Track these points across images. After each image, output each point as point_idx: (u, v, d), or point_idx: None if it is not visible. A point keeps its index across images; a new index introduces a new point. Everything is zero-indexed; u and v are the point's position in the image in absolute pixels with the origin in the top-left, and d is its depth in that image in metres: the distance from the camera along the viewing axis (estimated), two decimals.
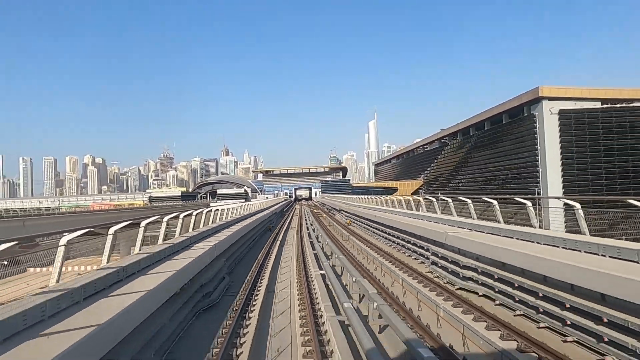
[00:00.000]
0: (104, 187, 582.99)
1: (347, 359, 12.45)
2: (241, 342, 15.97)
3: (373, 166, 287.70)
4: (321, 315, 17.67)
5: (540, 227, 23.65)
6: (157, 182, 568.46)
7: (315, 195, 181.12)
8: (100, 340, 9.88)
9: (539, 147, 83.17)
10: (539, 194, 76.43)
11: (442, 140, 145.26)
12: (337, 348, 13.07)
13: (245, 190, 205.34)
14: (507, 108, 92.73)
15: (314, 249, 37.18)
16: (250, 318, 18.90)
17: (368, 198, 69.03)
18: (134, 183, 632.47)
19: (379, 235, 45.81)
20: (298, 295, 22.28)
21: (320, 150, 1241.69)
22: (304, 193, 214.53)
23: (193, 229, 28.67)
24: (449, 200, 33.65)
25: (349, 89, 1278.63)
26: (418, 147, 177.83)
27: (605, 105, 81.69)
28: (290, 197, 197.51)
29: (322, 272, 25.87)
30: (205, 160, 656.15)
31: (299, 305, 20.09)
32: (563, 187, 79.21)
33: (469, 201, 29.50)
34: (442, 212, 36.77)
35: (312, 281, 24.53)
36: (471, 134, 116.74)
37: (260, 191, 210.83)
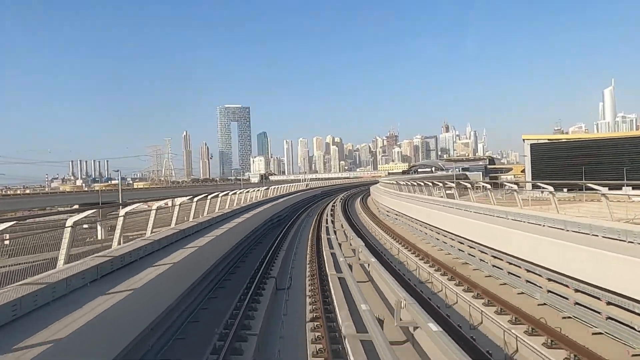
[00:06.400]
0: (342, 162, 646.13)
1: None
2: None
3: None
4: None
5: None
6: (384, 158, 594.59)
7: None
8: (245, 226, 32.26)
9: (525, 160, 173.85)
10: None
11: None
12: None
13: (432, 169, 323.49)
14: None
15: None
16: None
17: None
18: (365, 158, 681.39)
19: None
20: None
21: (545, 120, 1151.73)
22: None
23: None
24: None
25: (584, 46, 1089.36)
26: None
27: (550, 142, 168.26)
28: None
29: None
30: (425, 137, 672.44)
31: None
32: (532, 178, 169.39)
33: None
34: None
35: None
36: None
37: (444, 169, 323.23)
